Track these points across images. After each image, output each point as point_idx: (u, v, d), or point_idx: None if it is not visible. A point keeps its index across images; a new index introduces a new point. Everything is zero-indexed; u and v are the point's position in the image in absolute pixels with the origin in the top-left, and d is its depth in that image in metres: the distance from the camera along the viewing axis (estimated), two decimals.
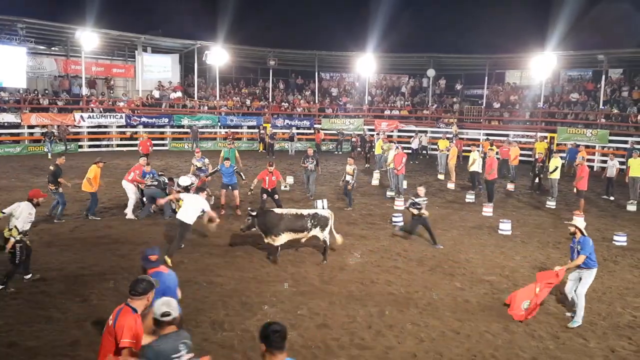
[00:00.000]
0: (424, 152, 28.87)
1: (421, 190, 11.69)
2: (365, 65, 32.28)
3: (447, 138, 24.10)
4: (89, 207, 12.84)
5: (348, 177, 14.76)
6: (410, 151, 26.32)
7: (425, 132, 29.99)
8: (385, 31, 31.82)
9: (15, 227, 8.05)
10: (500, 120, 30.64)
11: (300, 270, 9.50)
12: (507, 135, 27.54)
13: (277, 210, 10.19)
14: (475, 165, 17.46)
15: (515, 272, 9.76)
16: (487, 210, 14.57)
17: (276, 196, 13.55)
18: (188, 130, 29.59)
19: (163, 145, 29.04)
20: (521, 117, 29.79)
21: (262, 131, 30.17)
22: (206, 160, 15.41)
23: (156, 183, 13.36)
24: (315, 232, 10.07)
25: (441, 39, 33.86)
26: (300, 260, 10.04)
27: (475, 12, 37.93)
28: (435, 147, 24.71)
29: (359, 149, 27.22)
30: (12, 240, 7.98)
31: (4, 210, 8.39)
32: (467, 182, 18.77)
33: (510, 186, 18.62)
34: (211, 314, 7.46)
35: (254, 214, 9.86)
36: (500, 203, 16.00)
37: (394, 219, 13.18)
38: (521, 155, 21.49)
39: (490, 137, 27.10)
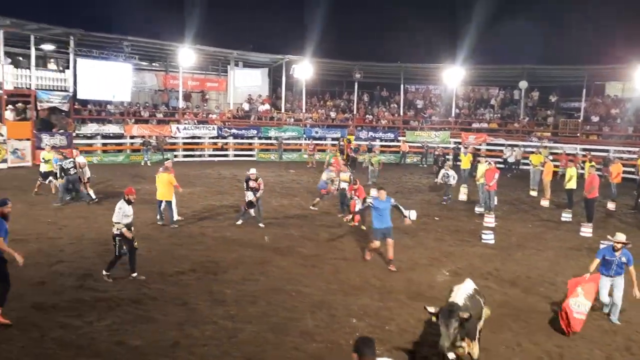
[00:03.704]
0: (516, 166, 27.70)
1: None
2: (453, 77, 31.65)
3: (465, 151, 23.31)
4: (170, 216, 13.13)
5: (343, 184, 14.82)
6: (504, 165, 25.75)
7: (518, 146, 28.80)
8: (475, 42, 31.08)
9: (116, 222, 8.99)
10: (599, 134, 28.80)
11: (386, 284, 9.43)
12: (606, 151, 25.84)
13: (460, 301, 6.14)
14: (572, 182, 16.52)
15: None
16: (586, 230, 13.70)
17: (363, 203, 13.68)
18: (274, 141, 30.45)
19: (251, 155, 30.04)
20: (622, 131, 27.82)
21: (341, 143, 30.38)
22: (333, 174, 15.74)
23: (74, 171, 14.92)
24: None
25: (534, 49, 32.40)
26: (386, 274, 9.97)
27: (571, 21, 36.05)
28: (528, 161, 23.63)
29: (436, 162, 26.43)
30: (121, 230, 8.96)
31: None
32: (563, 200, 17.80)
33: (611, 205, 17.40)
34: (300, 324, 7.58)
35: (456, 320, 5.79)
36: (601, 223, 14.99)
37: (483, 236, 12.75)
38: (623, 172, 20.04)
39: (583, 152, 25.57)
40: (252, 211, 13.35)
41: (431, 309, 5.95)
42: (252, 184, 13.30)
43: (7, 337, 6.63)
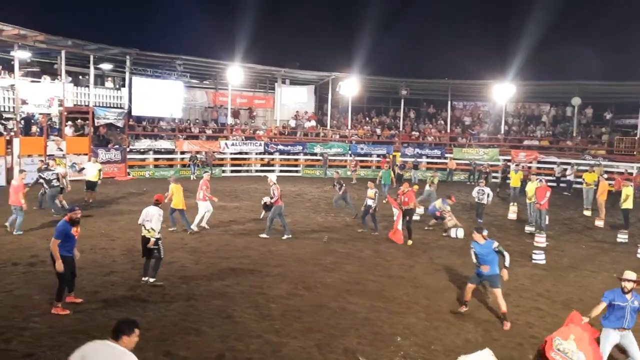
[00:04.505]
0: (569, 186, 26.80)
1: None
2: (502, 93, 31.08)
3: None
4: (185, 222, 13.88)
5: (370, 202, 14.61)
6: (564, 184, 25.45)
7: (571, 164, 27.87)
8: (525, 58, 30.49)
9: (152, 228, 9.53)
10: None
11: (433, 304, 9.26)
12: None
13: None
14: (629, 202, 15.83)
15: None
16: None
17: (407, 217, 13.75)
18: (320, 157, 30.65)
19: (296, 171, 30.34)
20: None
21: (388, 160, 30.24)
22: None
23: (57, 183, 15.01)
24: None
25: (587, 65, 31.43)
26: (433, 293, 9.80)
27: (627, 37, 34.80)
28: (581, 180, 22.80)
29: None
30: (153, 239, 9.49)
31: (138, 221, 9.95)
32: (618, 220, 17.07)
33: None
34: (344, 341, 7.53)
35: None
36: None
37: (534, 257, 12.36)
38: None
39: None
40: (263, 213, 14.15)
41: None
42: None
43: (59, 344, 6.88)
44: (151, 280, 9.52)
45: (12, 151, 21.38)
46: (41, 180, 15.27)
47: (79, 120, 25.88)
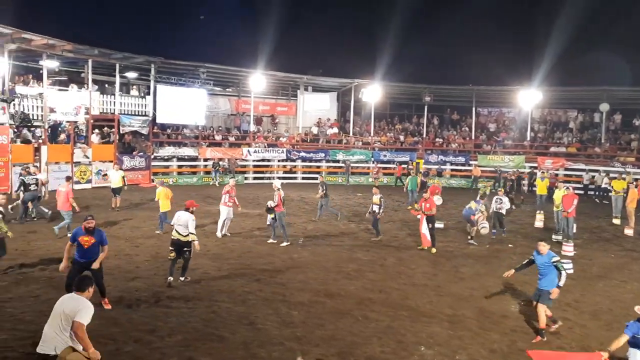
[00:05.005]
0: (597, 192, 26.25)
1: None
2: (528, 100, 30.63)
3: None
4: (161, 225, 14.56)
5: (375, 207, 14.55)
6: (596, 192, 25.02)
7: (599, 171, 27.29)
8: (551, 64, 30.01)
9: (191, 232, 9.96)
10: None
11: (457, 312, 9.10)
12: None
13: None
14: None
15: None
16: None
17: (430, 225, 13.57)
18: (342, 164, 30.59)
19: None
20: None
21: (410, 167, 30.03)
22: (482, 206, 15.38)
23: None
24: None
25: (615, 71, 30.76)
26: (457, 302, 9.63)
27: None
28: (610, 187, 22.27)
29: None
30: (196, 241, 10.07)
31: (171, 222, 10.46)
32: None
33: None
34: (366, 350, 7.44)
35: None
36: None
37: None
38: None
39: None
40: (269, 217, 14.08)
41: None
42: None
43: None
44: (181, 278, 10.02)
45: (40, 158, 21.83)
46: (22, 186, 15.37)
47: (105, 128, 26.32)
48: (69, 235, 12.92)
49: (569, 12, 31.71)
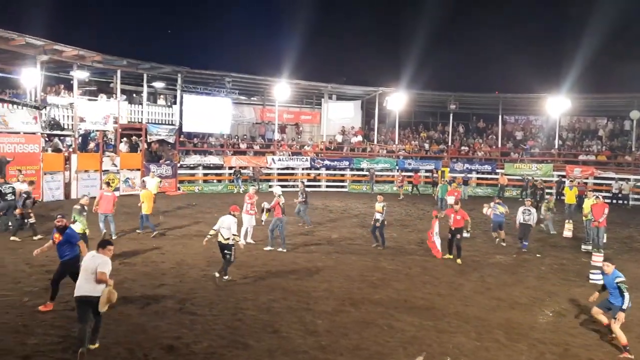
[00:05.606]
0: (625, 201, 25.64)
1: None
2: (556, 107, 30.14)
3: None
4: (141, 225, 15.38)
5: (377, 215, 14.40)
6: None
7: (628, 179, 26.66)
8: (580, 71, 29.52)
9: (233, 233, 10.58)
10: None
11: (484, 323, 8.95)
12: None
13: None
14: None
15: None
16: None
17: (458, 236, 13.47)
18: (366, 173, 30.51)
19: (343, 187, 30.28)
20: None
21: (434, 175, 29.80)
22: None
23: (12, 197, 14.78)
24: None
25: None
26: (484, 312, 9.48)
27: None
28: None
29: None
30: (240, 241, 10.93)
31: (214, 227, 10.89)
32: None
33: None
34: None
35: None
36: None
37: (591, 276, 11.78)
38: None
39: None
40: (263, 215, 14.76)
41: None
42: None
43: (113, 355, 7.02)
44: (225, 278, 10.66)
45: (70, 167, 22.33)
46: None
47: (133, 137, 26.80)
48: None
49: (599, 20, 31.23)
